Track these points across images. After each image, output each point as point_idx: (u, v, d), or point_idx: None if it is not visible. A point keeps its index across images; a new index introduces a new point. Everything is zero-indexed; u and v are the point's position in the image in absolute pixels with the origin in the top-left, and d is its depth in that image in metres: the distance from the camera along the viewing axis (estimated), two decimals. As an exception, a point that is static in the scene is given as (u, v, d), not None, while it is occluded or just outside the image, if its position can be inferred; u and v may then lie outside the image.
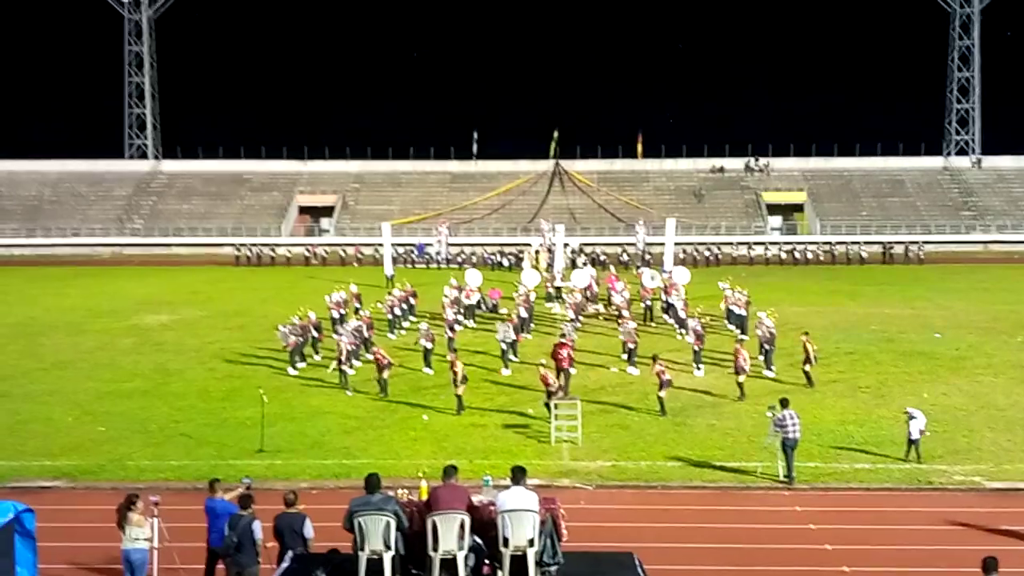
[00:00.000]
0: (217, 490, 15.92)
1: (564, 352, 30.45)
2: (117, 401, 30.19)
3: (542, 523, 12.41)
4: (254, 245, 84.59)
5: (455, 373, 28.27)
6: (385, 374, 30.50)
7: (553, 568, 12.49)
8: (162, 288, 61.91)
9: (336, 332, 37.98)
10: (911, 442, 23.33)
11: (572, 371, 30.64)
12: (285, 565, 13.07)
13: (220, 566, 15.35)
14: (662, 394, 27.86)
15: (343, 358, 31.62)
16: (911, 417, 23.38)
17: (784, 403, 22.51)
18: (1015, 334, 41.03)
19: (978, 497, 21.25)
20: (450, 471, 12.95)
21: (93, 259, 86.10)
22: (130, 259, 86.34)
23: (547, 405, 26.34)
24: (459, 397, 28.21)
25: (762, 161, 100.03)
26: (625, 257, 76.00)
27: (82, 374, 34.48)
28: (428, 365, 33.88)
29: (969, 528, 18.98)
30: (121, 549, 15.41)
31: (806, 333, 32.55)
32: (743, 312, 40.96)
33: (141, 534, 15.31)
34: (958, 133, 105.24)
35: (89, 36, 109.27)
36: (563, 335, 34.11)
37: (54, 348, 39.52)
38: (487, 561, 12.46)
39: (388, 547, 12.08)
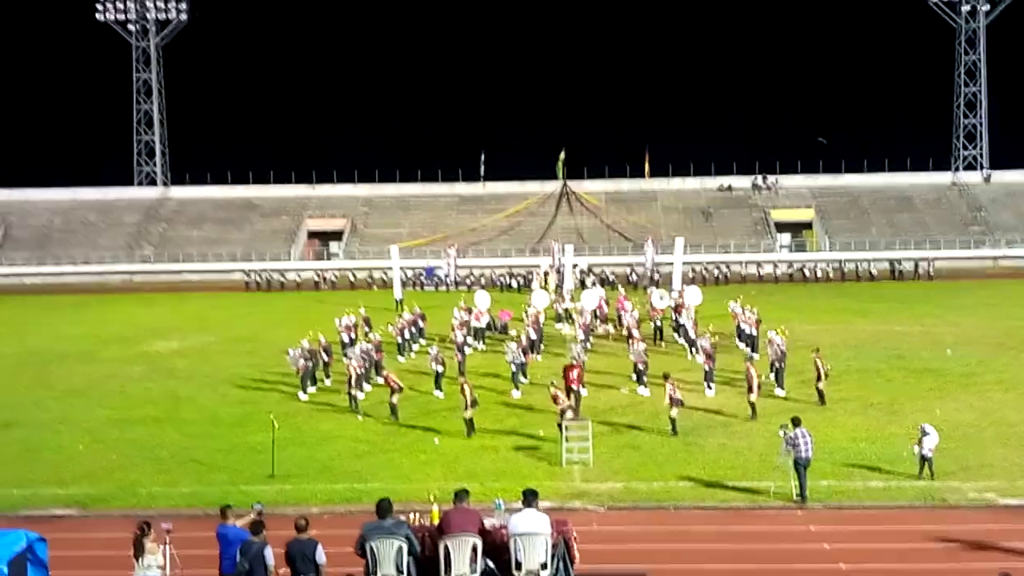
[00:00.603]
0: (229, 516, 15.91)
1: (574, 373, 30.43)
2: (128, 428, 30.23)
3: (554, 546, 12.40)
4: (264, 270, 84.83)
5: (464, 396, 28.25)
6: (395, 398, 30.49)
7: (565, 591, 12.47)
8: (172, 314, 62.06)
9: (345, 356, 38.01)
10: (924, 459, 23.22)
11: (583, 392, 30.61)
12: (297, 591, 13.06)
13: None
14: (673, 414, 27.81)
15: (352, 382, 31.66)
16: (924, 434, 23.26)
17: (796, 422, 22.44)
18: (1026, 349, 40.91)
19: (991, 513, 21.13)
20: (461, 495, 12.95)
21: (103, 287, 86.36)
22: (140, 286, 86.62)
23: (560, 426, 26.31)
24: (469, 420, 28.19)
25: (771, 179, 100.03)
26: (634, 277, 75.98)
27: (93, 402, 34.54)
28: (439, 388, 33.86)
29: (983, 546, 18.87)
30: (134, 577, 15.41)
31: (817, 350, 32.49)
32: (754, 331, 40.89)
33: (154, 562, 15.31)
34: (966, 148, 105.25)
35: (97, 64, 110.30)
36: (574, 358, 34.09)
37: (65, 376, 39.62)
38: (500, 585, 12.45)
39: (400, 571, 12.08)
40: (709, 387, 33.30)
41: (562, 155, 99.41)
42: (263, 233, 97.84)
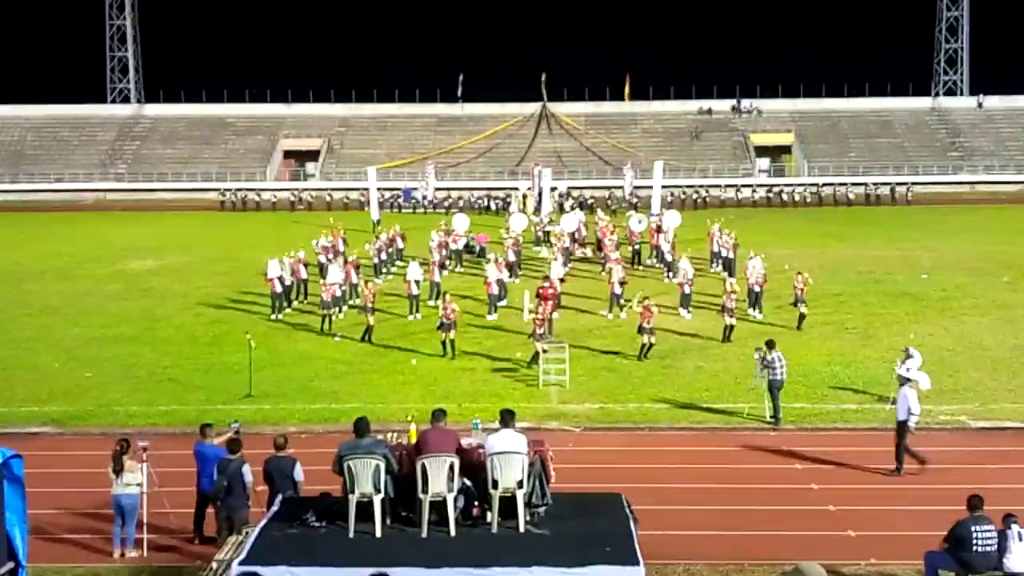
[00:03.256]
0: (208, 435, 15.93)
1: (549, 292, 30.46)
2: (104, 347, 30.15)
3: (531, 465, 12.45)
4: (239, 190, 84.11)
5: (448, 318, 28.25)
6: (371, 319, 30.48)
7: (542, 509, 12.56)
8: (147, 233, 61.59)
9: (323, 277, 37.89)
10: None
11: (555, 316, 30.52)
12: (275, 508, 13.11)
13: (210, 510, 15.40)
14: (645, 340, 27.79)
15: (326, 302, 31.62)
16: (908, 356, 23.45)
17: (771, 345, 22.59)
18: (1001, 274, 41.22)
19: (963, 436, 21.44)
20: (439, 415, 12.95)
21: (77, 204, 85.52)
22: (114, 204, 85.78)
23: (536, 342, 26.36)
24: (451, 342, 28.25)
25: (753, 103, 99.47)
26: (612, 201, 75.71)
27: (69, 320, 34.39)
28: (416, 311, 33.86)
29: (953, 467, 19.14)
30: (112, 494, 15.44)
31: (799, 273, 32.56)
32: (731, 255, 40.98)
33: (133, 479, 15.35)
34: (946, 73, 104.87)
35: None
36: (547, 277, 34.15)
37: (40, 294, 39.36)
38: (476, 503, 12.51)
39: (378, 490, 12.12)
40: (686, 310, 33.44)
41: (543, 77, 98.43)
42: (237, 152, 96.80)
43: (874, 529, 16.24)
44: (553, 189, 68.55)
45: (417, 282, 34.23)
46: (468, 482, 12.52)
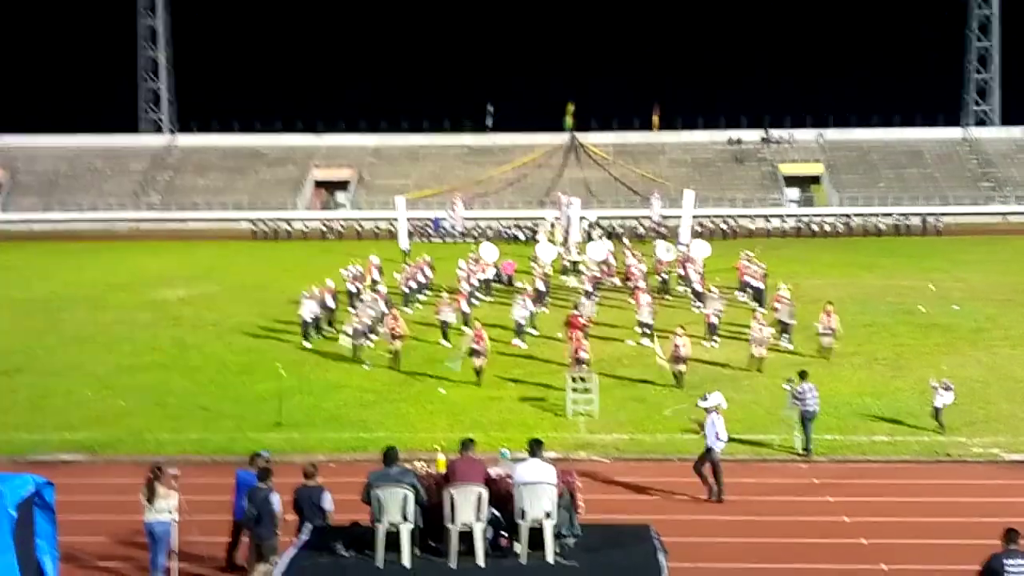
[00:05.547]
0: (257, 463, 15.82)
1: (577, 324, 30.47)
2: (136, 375, 30.35)
3: (559, 495, 12.42)
4: (270, 219, 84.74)
5: (479, 344, 28.31)
6: (397, 344, 30.59)
7: (570, 540, 12.51)
8: (179, 262, 62.10)
9: (352, 306, 38.06)
10: (938, 410, 23.48)
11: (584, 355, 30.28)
12: (304, 537, 13.12)
13: (245, 538, 15.43)
14: (680, 368, 27.79)
15: (357, 331, 31.74)
16: (947, 388, 23.45)
17: (803, 375, 22.46)
18: (1034, 306, 40.82)
19: (996, 469, 21.19)
20: (467, 444, 12.97)
21: (110, 234, 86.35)
22: (146, 234, 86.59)
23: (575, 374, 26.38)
24: (480, 370, 28.32)
25: (785, 133, 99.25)
26: (640, 230, 75.67)
27: (101, 348, 34.65)
28: (445, 338, 33.93)
29: (987, 500, 18.93)
30: (144, 522, 15.47)
31: (830, 303, 32.45)
32: (760, 284, 40.83)
33: (166, 506, 15.38)
34: (977, 104, 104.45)
35: (103, 10, 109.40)
36: (576, 307, 34.18)
37: (73, 323, 39.71)
38: (504, 533, 12.48)
39: (406, 519, 12.12)
40: (715, 340, 33.32)
41: (571, 107, 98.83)
42: (269, 182, 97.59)
43: (907, 562, 16.07)
44: (582, 219, 68.62)
45: (446, 323, 34.40)
46: (496, 512, 12.50)
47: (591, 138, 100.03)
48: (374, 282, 42.17)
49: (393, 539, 12.10)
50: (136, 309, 42.83)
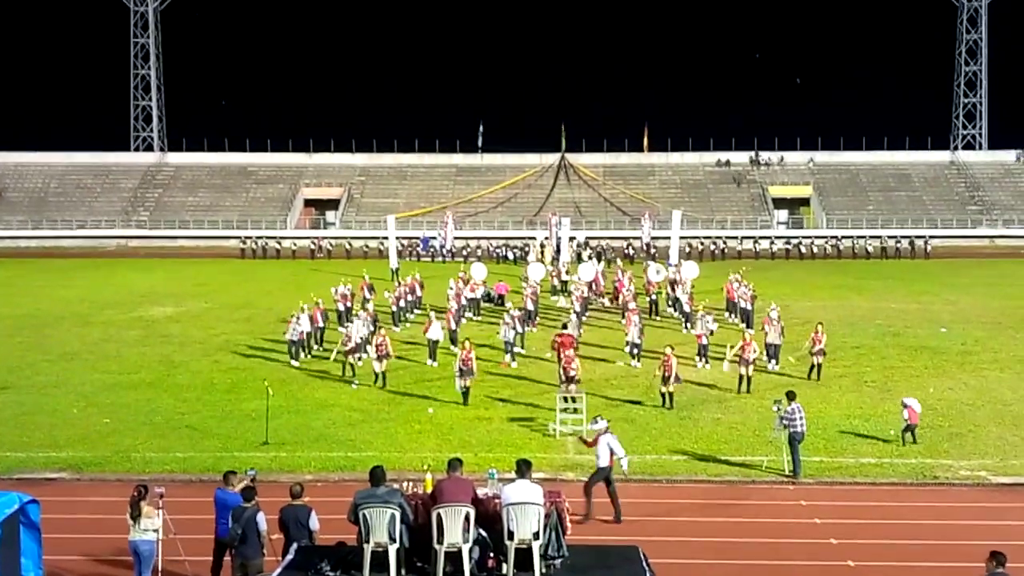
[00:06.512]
0: (232, 482, 15.84)
1: (567, 343, 30.44)
2: (122, 393, 30.21)
3: (547, 516, 12.40)
4: (259, 238, 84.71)
5: (466, 364, 28.28)
6: (384, 364, 30.53)
7: (558, 561, 12.48)
8: (167, 280, 61.98)
9: (341, 325, 38.02)
10: (907, 428, 23.79)
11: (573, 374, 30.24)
12: (290, 557, 13.07)
13: (228, 558, 15.35)
14: (670, 388, 27.79)
15: (347, 350, 31.68)
16: (905, 406, 23.88)
17: (791, 396, 22.48)
18: (1021, 329, 40.95)
19: (983, 492, 21.21)
20: (455, 464, 12.94)
21: (99, 251, 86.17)
22: (136, 251, 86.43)
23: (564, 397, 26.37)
24: (467, 390, 28.27)
25: (775, 155, 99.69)
26: (630, 251, 75.87)
27: (88, 366, 34.51)
28: (432, 357, 33.88)
29: (974, 523, 18.93)
30: (128, 540, 15.40)
31: (820, 324, 32.54)
32: (748, 306, 40.90)
33: (151, 525, 15.31)
34: (965, 127, 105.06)
35: (95, 29, 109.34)
36: (564, 326, 34.19)
37: (60, 340, 39.56)
38: (492, 554, 12.46)
39: (393, 540, 12.09)
40: (704, 361, 33.36)
41: (562, 128, 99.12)
42: (259, 201, 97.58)
43: (894, 585, 16.06)
44: (571, 239, 68.79)
45: (435, 342, 34.30)
46: (484, 533, 12.47)
47: (581, 159, 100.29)
48: (365, 300, 42.13)
49: (380, 559, 12.06)
50: (124, 327, 42.69)
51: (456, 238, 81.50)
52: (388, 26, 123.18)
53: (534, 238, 72.65)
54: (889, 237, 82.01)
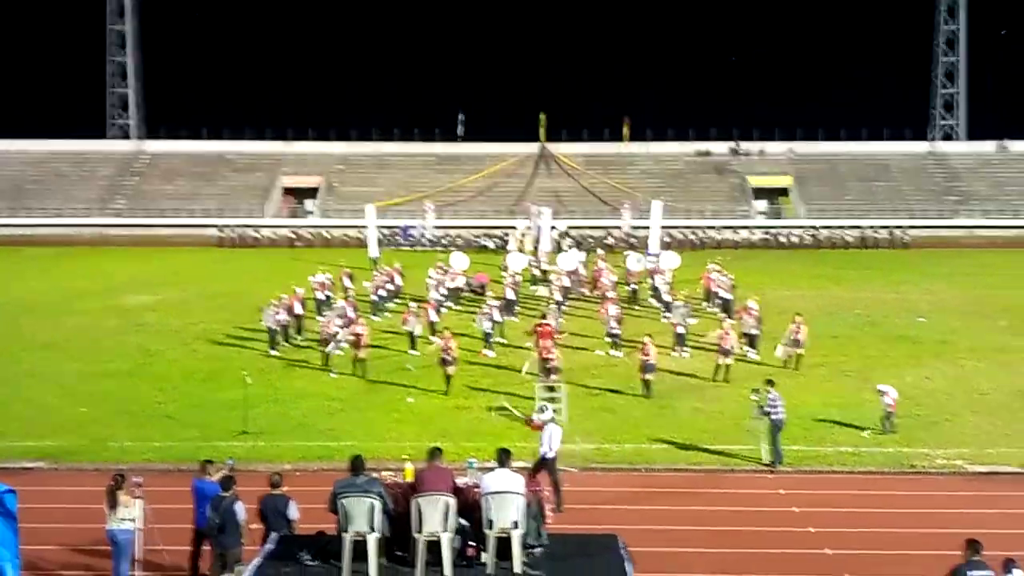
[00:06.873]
0: (208, 471, 15.81)
1: (546, 333, 30.45)
2: (100, 382, 30.05)
3: (527, 505, 12.40)
4: (237, 226, 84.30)
5: (448, 353, 28.26)
6: (362, 353, 30.48)
7: (537, 550, 12.49)
8: (145, 269, 61.58)
9: (320, 314, 37.90)
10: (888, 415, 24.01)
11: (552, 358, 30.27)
12: (269, 547, 13.03)
13: (207, 547, 15.30)
14: (649, 376, 27.86)
15: (327, 339, 31.61)
16: (883, 392, 24.05)
17: (771, 384, 22.57)
18: (999, 318, 41.21)
19: (960, 481, 21.36)
20: (435, 453, 12.92)
21: (76, 239, 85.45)
22: (113, 240, 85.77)
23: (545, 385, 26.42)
24: (449, 379, 28.27)
25: (755, 145, 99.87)
26: (610, 240, 75.84)
27: (65, 355, 34.29)
28: (413, 347, 33.83)
29: (951, 511, 19.06)
30: (106, 529, 15.34)
31: (799, 314, 32.63)
32: (728, 295, 40.99)
33: (128, 514, 15.25)
34: (943, 118, 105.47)
35: (72, 15, 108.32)
36: (544, 316, 34.19)
37: (37, 329, 39.25)
38: (472, 543, 12.44)
39: (373, 529, 12.06)
40: (684, 350, 33.44)
41: (543, 117, 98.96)
42: (237, 189, 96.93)
43: (870, 573, 16.16)
44: (552, 228, 68.74)
45: (412, 334, 34.25)
46: (464, 522, 12.46)
47: (561, 148, 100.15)
48: (346, 289, 41.97)
49: (360, 548, 12.03)
50: (101, 316, 42.40)
51: (436, 227, 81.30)
52: (367, 14, 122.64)
53: (515, 227, 72.46)
54: (868, 227, 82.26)
